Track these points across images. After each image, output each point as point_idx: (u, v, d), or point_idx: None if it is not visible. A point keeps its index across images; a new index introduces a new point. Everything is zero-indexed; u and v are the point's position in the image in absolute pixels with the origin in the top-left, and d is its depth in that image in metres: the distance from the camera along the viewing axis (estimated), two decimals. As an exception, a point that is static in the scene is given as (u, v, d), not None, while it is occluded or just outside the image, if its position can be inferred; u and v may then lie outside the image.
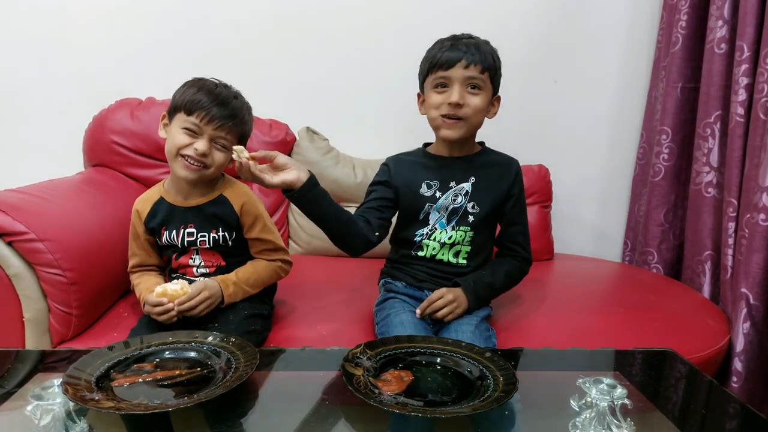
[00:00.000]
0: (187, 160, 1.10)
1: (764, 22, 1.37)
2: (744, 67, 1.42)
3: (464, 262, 1.20)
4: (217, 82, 1.14)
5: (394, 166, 1.23)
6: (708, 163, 1.58)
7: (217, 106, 1.09)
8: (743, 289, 1.35)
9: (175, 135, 1.11)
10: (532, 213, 1.77)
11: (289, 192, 1.02)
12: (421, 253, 1.20)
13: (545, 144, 1.88)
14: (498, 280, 1.19)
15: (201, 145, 1.09)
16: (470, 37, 1.15)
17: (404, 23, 1.83)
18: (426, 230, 1.19)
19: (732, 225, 1.45)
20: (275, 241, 1.21)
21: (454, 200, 1.18)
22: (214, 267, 1.19)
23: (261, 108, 1.74)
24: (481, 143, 1.25)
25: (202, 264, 1.19)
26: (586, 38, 1.88)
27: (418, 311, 1.13)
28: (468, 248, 1.19)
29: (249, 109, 1.18)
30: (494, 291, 1.21)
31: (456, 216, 1.18)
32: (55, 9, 1.77)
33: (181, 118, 1.10)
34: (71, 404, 0.67)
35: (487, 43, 1.15)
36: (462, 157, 1.20)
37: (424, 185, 1.19)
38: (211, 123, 1.09)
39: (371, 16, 1.82)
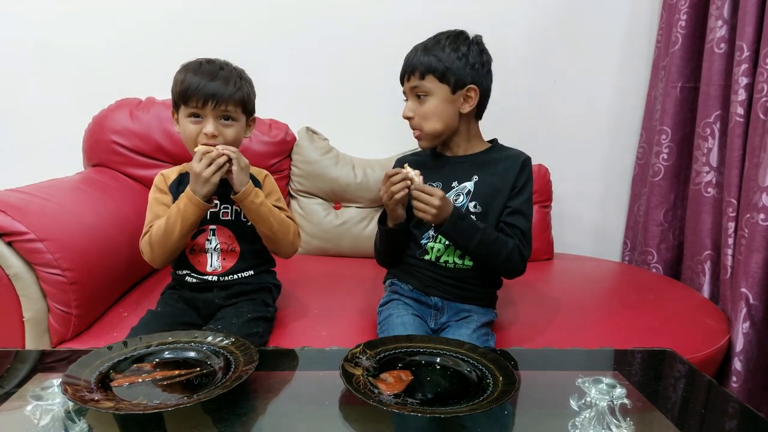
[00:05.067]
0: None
1: (764, 21, 1.37)
2: (744, 66, 1.42)
3: (470, 263, 1.16)
4: (201, 60, 1.14)
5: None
6: (708, 163, 1.58)
7: (206, 85, 1.09)
8: (743, 289, 1.35)
9: (185, 127, 1.12)
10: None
11: (386, 228, 1.16)
12: (426, 257, 1.19)
13: (545, 144, 1.88)
14: (487, 232, 1.11)
15: (209, 127, 1.10)
16: (434, 37, 1.15)
17: (404, 23, 1.83)
18: (431, 232, 1.18)
19: (732, 225, 1.45)
20: (291, 214, 1.22)
21: (456, 200, 1.16)
22: (229, 252, 1.17)
23: (261, 108, 1.73)
24: (493, 140, 1.23)
25: (218, 246, 1.16)
26: (586, 38, 1.88)
27: (410, 172, 1.09)
28: None
29: (240, 72, 1.17)
30: (478, 240, 1.09)
31: None
32: (55, 9, 1.77)
33: (183, 109, 1.12)
34: (71, 404, 0.67)
35: (438, 41, 1.13)
36: (467, 155, 1.19)
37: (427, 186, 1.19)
38: (208, 103, 1.09)
39: (371, 16, 1.82)
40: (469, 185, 1.17)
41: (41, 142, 1.83)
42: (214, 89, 1.09)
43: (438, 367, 0.84)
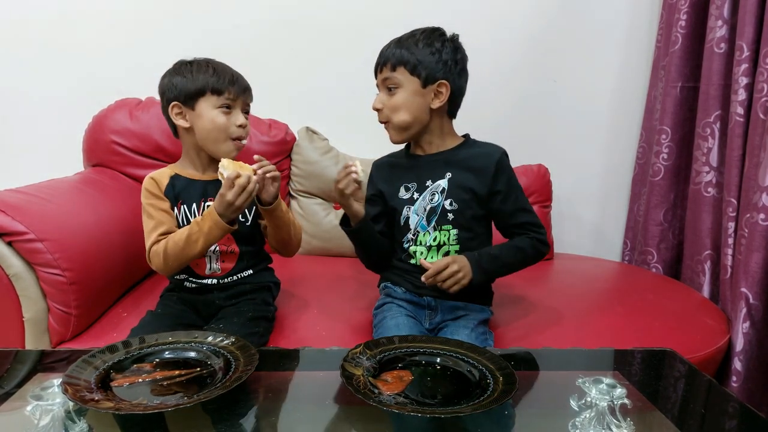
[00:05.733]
0: (234, 140, 1.14)
1: (764, 21, 1.37)
2: (744, 66, 1.42)
3: None
4: (199, 58, 1.17)
5: (376, 172, 1.25)
6: (707, 163, 1.58)
7: (237, 79, 1.15)
8: (743, 289, 1.35)
9: (214, 117, 1.12)
10: (531, 213, 1.78)
11: (346, 228, 1.15)
12: (413, 261, 1.18)
13: (545, 144, 1.88)
14: (505, 252, 1.14)
15: (241, 118, 1.15)
16: (409, 33, 1.16)
17: (404, 23, 1.81)
18: (409, 235, 1.17)
19: (731, 224, 1.45)
20: (291, 213, 1.24)
21: (431, 199, 1.15)
22: (228, 254, 1.17)
23: (261, 108, 1.74)
24: (466, 135, 1.21)
25: (217, 249, 1.16)
26: (586, 38, 1.88)
27: (423, 278, 1.09)
28: (456, 248, 1.15)
29: None
30: (502, 264, 1.14)
31: (435, 215, 1.15)
32: (55, 9, 1.77)
33: (210, 101, 1.12)
34: (71, 404, 0.67)
35: (413, 35, 1.14)
36: (440, 153, 1.17)
37: (402, 189, 1.18)
38: (241, 95, 1.14)
39: (371, 16, 1.82)
40: (443, 183, 1.15)
41: (41, 142, 1.84)
42: (245, 84, 1.16)
43: (438, 367, 0.84)
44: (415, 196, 1.17)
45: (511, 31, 1.84)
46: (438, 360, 0.85)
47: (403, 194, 1.18)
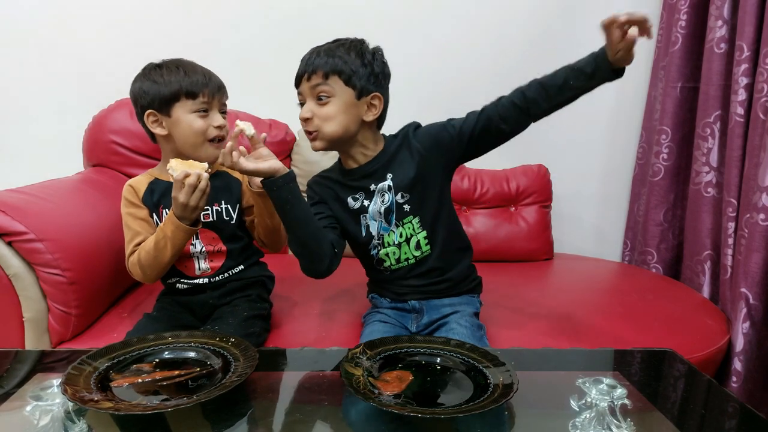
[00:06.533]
0: (214, 141, 1.12)
1: (764, 21, 1.37)
2: (744, 66, 1.42)
3: (427, 248, 1.14)
4: (166, 60, 1.16)
5: (318, 189, 1.18)
6: (707, 163, 1.58)
7: (211, 78, 1.12)
8: (743, 289, 1.35)
9: (191, 122, 1.10)
10: (531, 213, 1.78)
11: (269, 180, 0.99)
12: (386, 264, 1.16)
13: (545, 144, 1.88)
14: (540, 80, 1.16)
15: (218, 119, 1.12)
16: (334, 42, 1.10)
17: (403, 23, 1.83)
18: (375, 242, 1.15)
19: (731, 225, 1.45)
20: None
21: (382, 200, 1.12)
22: (215, 253, 1.17)
23: (261, 108, 1.75)
24: (383, 136, 1.18)
25: (203, 249, 1.16)
26: (586, 38, 1.85)
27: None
28: (423, 233, 1.13)
29: None
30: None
31: (392, 213, 1.12)
32: (55, 9, 1.77)
33: (185, 105, 1.10)
34: (70, 405, 0.67)
35: (346, 43, 1.09)
36: (375, 159, 1.13)
37: (350, 200, 1.14)
38: (216, 95, 1.12)
39: (371, 16, 1.82)
40: (386, 183, 1.12)
41: (41, 142, 1.84)
42: (219, 82, 1.13)
43: (438, 367, 0.84)
44: (366, 203, 1.13)
45: (511, 31, 1.84)
46: (438, 360, 0.85)
47: (353, 204, 1.14)
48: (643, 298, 1.46)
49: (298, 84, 1.10)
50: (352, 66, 1.06)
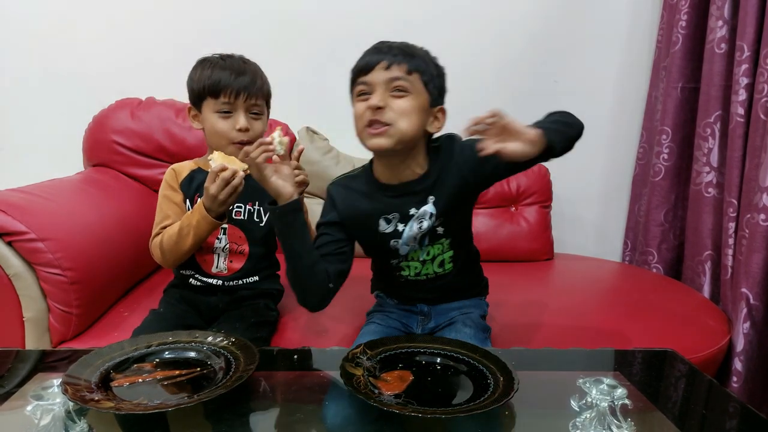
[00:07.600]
0: (236, 144, 1.10)
1: (764, 22, 1.37)
2: (744, 67, 1.42)
3: (450, 266, 1.09)
4: (221, 55, 1.14)
5: (339, 198, 1.07)
6: (708, 163, 1.58)
7: (237, 78, 1.09)
8: (743, 289, 1.35)
9: (214, 122, 1.10)
10: (532, 213, 1.78)
11: (271, 202, 0.98)
12: (404, 273, 1.10)
13: (545, 144, 1.88)
14: (549, 117, 0.98)
15: (241, 121, 1.10)
16: (401, 42, 1.01)
17: (404, 23, 1.83)
18: (398, 259, 1.08)
19: (732, 225, 1.45)
20: None
21: (420, 227, 1.03)
22: (237, 254, 1.16)
23: (261, 108, 1.74)
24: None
25: (227, 246, 1.15)
26: (587, 38, 1.88)
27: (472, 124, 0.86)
28: (450, 253, 1.08)
29: (259, 66, 1.17)
30: (555, 120, 0.98)
31: (427, 238, 1.05)
32: (56, 9, 1.77)
33: (210, 104, 1.10)
34: (71, 404, 0.67)
35: (421, 48, 1.01)
36: (417, 180, 1.03)
37: (382, 221, 1.04)
38: (240, 96, 1.09)
39: (371, 16, 1.82)
40: (428, 208, 1.02)
41: (41, 142, 1.83)
42: (245, 83, 1.10)
43: (438, 367, 0.84)
44: (400, 228, 1.04)
45: (512, 31, 1.84)
46: (438, 360, 0.85)
47: (384, 227, 1.04)
48: (644, 298, 1.46)
49: (366, 71, 0.97)
50: (431, 71, 0.99)
